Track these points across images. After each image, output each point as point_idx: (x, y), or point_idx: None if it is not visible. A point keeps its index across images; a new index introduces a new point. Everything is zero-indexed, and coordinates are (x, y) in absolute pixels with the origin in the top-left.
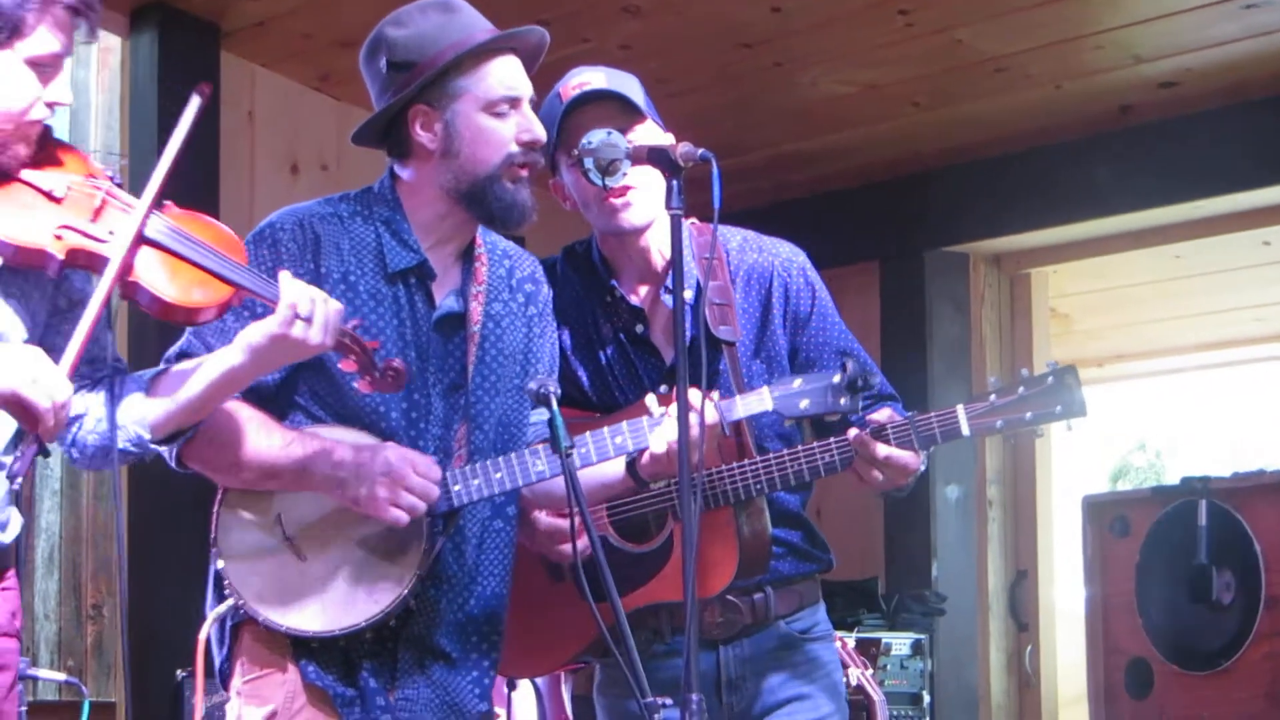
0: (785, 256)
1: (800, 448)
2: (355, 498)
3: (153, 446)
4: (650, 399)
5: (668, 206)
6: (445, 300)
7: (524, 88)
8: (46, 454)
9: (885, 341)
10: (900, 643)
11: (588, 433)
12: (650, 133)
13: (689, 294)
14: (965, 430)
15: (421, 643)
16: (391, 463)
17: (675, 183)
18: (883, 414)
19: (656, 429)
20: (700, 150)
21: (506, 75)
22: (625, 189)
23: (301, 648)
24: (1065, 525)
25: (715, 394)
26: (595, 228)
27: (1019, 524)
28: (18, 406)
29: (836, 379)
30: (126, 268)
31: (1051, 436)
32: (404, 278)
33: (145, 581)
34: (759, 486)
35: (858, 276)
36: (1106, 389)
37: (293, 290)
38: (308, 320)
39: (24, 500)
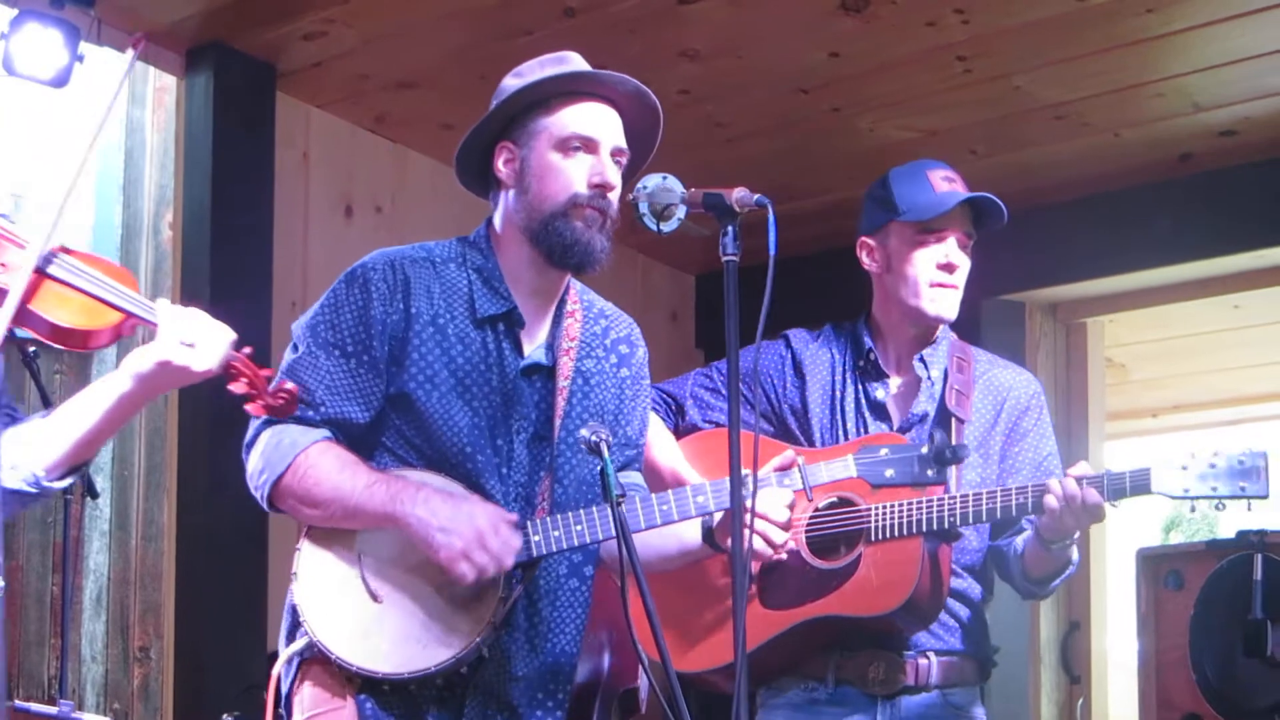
0: (1026, 379)
1: (998, 489)
2: (433, 544)
3: (49, 485)
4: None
5: (723, 253)
6: (533, 351)
7: (604, 135)
8: (95, 495)
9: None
10: None
11: (670, 491)
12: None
13: (936, 373)
14: (1154, 488)
15: (490, 692)
16: (476, 519)
17: (731, 228)
18: (1079, 467)
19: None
20: (756, 196)
21: (585, 117)
22: (951, 283)
23: (367, 688)
24: (1118, 576)
25: (801, 459)
26: (903, 300)
27: (1072, 582)
28: None
29: (925, 450)
30: (26, 297)
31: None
32: (492, 324)
33: (193, 624)
34: (952, 519)
35: None
36: (1161, 439)
37: (175, 316)
38: (190, 345)
39: (72, 542)
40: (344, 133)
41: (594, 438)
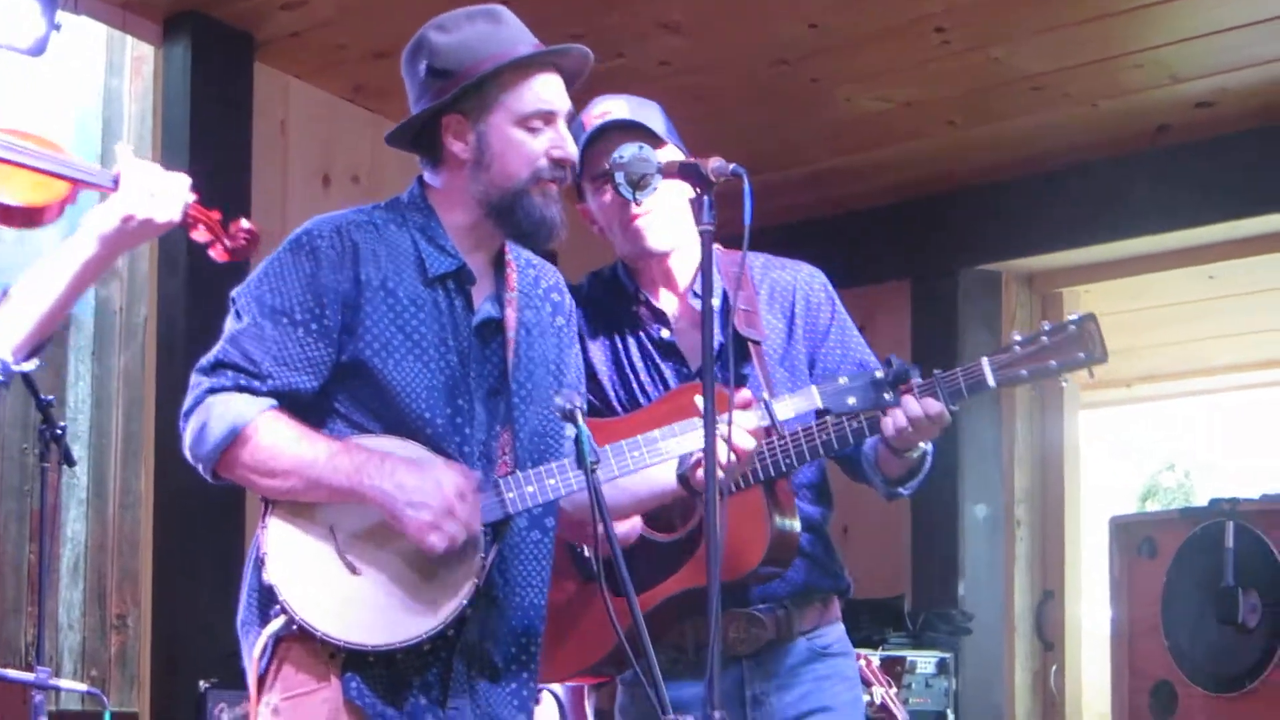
0: (807, 273)
1: (828, 419)
2: (402, 519)
3: (16, 369)
4: (698, 398)
5: (698, 222)
6: (483, 305)
7: (560, 104)
8: (72, 463)
9: (916, 359)
10: (925, 661)
11: (640, 436)
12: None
13: (716, 301)
14: (990, 380)
15: (474, 651)
16: (443, 486)
17: (706, 198)
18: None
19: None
20: (732, 165)
21: (544, 90)
22: (643, 212)
23: (351, 663)
24: (1093, 545)
25: (766, 394)
26: (619, 252)
27: (1046, 544)
28: None
29: (880, 374)
30: None
31: (1081, 455)
32: (443, 283)
33: (170, 592)
34: (788, 462)
35: (890, 295)
36: (1136, 409)
37: (133, 169)
38: (153, 196)
39: (49, 510)
40: (322, 102)
41: (568, 405)
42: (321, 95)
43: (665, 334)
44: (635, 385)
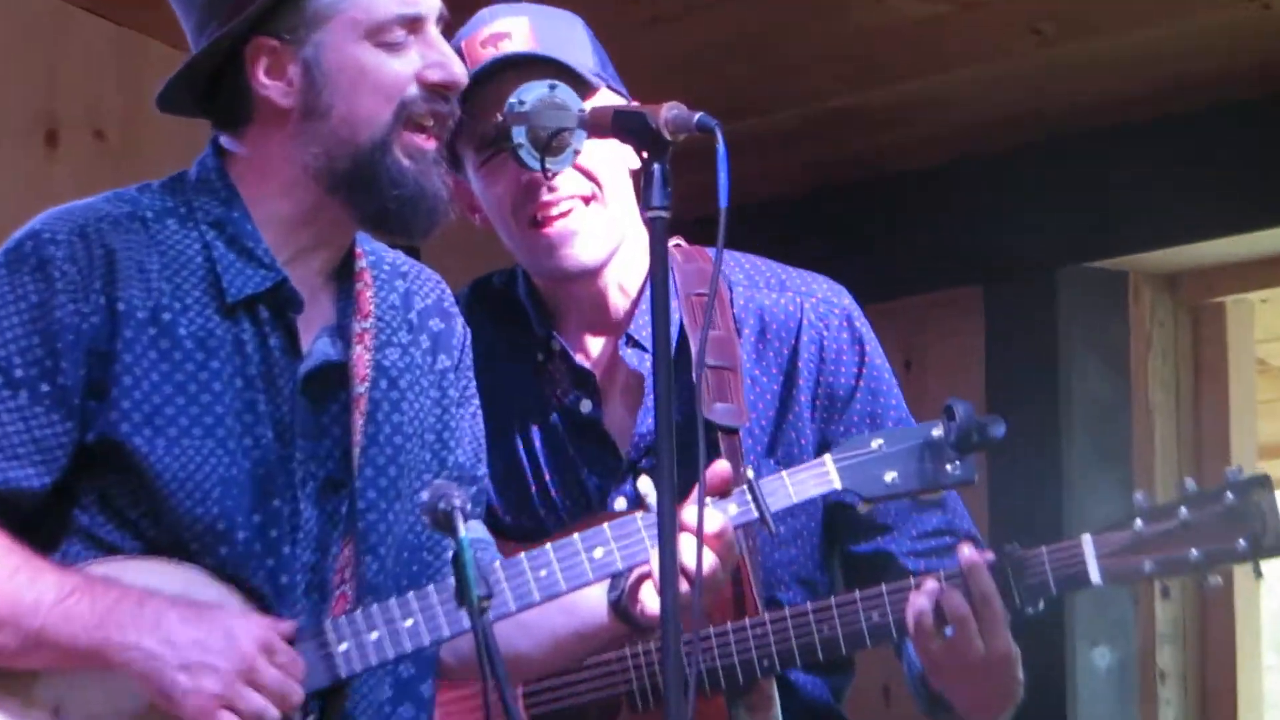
0: (821, 297)
1: (833, 599)
2: (169, 688)
3: None
4: (645, 483)
5: (646, 206)
6: (317, 344)
7: (426, 2)
8: None
9: (993, 413)
10: None
11: (549, 545)
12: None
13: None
14: (1094, 575)
15: None
16: (237, 640)
17: (658, 168)
18: (963, 550)
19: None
20: (697, 115)
21: None
22: (564, 208)
23: None
24: None
25: (749, 471)
26: (519, 262)
27: (1208, 707)
28: None
29: (937, 432)
30: None
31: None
32: (250, 310)
33: None
34: (766, 663)
35: (949, 309)
36: None
37: None
38: None
39: None
40: (41, 11)
41: (441, 505)
42: (41, 1)
43: (585, 406)
44: (534, 490)
